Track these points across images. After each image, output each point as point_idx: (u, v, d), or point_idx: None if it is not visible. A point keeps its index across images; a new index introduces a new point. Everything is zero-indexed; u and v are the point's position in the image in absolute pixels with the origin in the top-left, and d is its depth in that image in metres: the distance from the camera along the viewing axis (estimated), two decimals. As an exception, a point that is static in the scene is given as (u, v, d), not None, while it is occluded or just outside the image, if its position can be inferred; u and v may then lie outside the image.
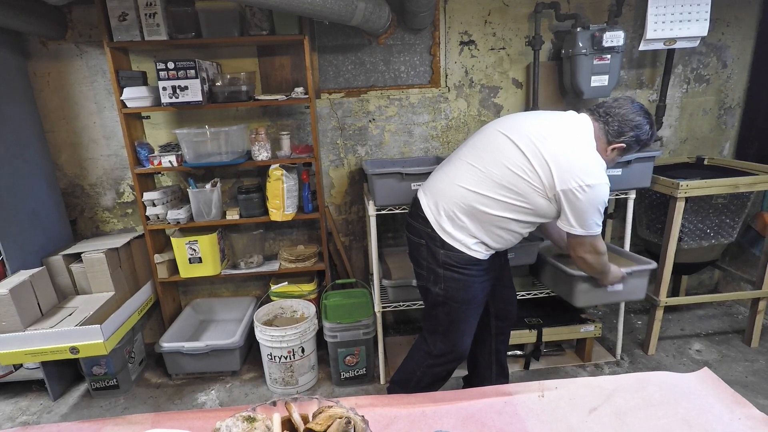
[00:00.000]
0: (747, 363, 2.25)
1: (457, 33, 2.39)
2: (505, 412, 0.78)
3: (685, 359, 2.32)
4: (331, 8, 1.77)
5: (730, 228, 2.33)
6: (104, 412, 2.12)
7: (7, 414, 2.11)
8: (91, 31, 2.19)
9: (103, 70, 2.25)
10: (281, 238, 2.61)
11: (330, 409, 0.64)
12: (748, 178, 2.10)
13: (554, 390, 0.84)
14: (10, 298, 1.82)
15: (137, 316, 2.22)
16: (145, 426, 0.79)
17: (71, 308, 2.06)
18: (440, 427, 0.74)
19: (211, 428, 0.62)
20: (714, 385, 0.84)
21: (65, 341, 1.87)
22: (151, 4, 1.97)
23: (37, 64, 2.22)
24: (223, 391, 2.21)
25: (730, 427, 0.73)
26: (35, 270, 1.99)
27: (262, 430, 0.61)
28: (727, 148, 2.72)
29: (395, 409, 0.79)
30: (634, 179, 2.07)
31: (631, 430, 0.73)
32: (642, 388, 0.83)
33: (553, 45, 2.43)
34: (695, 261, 2.43)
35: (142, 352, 2.41)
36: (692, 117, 2.64)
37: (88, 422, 0.81)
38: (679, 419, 0.75)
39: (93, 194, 2.45)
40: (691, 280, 2.89)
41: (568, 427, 0.74)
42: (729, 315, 2.72)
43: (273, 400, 0.67)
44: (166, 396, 2.20)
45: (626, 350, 2.38)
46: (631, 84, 2.56)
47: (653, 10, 2.16)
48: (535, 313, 2.32)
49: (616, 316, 2.33)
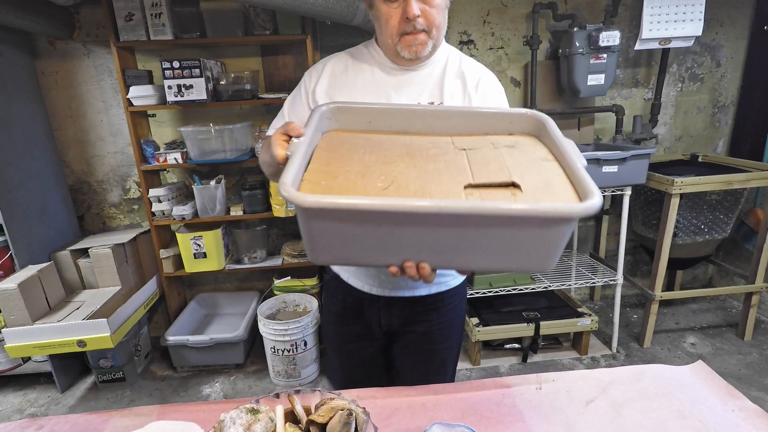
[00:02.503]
0: (740, 356, 2.29)
1: (457, 33, 2.43)
2: (503, 404, 0.79)
3: (679, 352, 2.36)
4: (333, 8, 1.81)
5: (723, 224, 2.37)
6: (111, 404, 2.15)
7: (15, 406, 2.15)
8: (98, 30, 2.23)
9: (109, 69, 2.29)
10: (284, 234, 2.65)
11: (332, 401, 0.64)
12: (741, 174, 2.13)
13: (551, 382, 0.84)
14: (18, 293, 1.86)
15: (143, 310, 2.25)
16: (151, 418, 0.78)
17: (78, 302, 2.09)
18: (440, 419, 0.75)
19: (215, 420, 0.62)
20: (708, 377, 0.85)
21: (73, 335, 1.90)
22: (157, 4, 2.01)
23: (45, 63, 2.25)
24: (227, 384, 2.25)
25: (724, 418, 0.73)
26: (43, 265, 2.03)
27: (265, 422, 0.61)
28: (721, 145, 2.77)
29: (396, 400, 0.80)
30: (629, 176, 2.10)
31: (627, 421, 0.73)
32: (637, 380, 0.84)
33: (550, 44, 2.47)
34: (690, 256, 2.47)
35: (147, 345, 2.45)
36: (687, 115, 2.68)
37: (95, 414, 0.81)
38: (674, 411, 0.75)
39: (100, 191, 2.48)
40: (685, 275, 2.92)
41: (565, 419, 0.75)
42: (723, 309, 2.76)
43: (276, 392, 0.67)
44: (171, 388, 2.23)
45: (622, 343, 2.42)
46: (627, 83, 2.60)
47: (648, 11, 2.20)
48: (532, 307, 2.36)
49: (612, 310, 2.37)
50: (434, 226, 0.62)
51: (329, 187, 0.66)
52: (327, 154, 0.77)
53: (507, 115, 0.89)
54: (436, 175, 0.70)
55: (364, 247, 0.67)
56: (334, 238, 0.65)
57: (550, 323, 2.25)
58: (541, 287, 2.30)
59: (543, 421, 0.74)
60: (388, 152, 0.78)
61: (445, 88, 1.01)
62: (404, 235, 0.64)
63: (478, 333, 2.20)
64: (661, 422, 0.73)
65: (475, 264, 0.70)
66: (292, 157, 0.70)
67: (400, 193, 0.65)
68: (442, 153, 0.78)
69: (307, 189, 0.65)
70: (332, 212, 0.61)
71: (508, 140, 0.85)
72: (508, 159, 0.75)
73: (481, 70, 1.06)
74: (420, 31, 0.92)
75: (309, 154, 0.75)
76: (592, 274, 2.46)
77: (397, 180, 0.68)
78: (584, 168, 0.70)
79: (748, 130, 2.64)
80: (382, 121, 0.88)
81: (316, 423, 0.61)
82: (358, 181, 0.68)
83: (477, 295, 2.30)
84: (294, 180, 0.64)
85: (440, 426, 0.70)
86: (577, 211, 0.59)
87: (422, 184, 0.67)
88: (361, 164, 0.73)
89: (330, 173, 0.70)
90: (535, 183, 0.68)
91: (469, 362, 2.30)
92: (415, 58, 0.96)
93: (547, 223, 0.61)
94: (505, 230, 0.63)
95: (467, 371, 2.26)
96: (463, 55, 1.08)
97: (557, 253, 0.66)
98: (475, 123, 0.89)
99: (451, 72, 1.03)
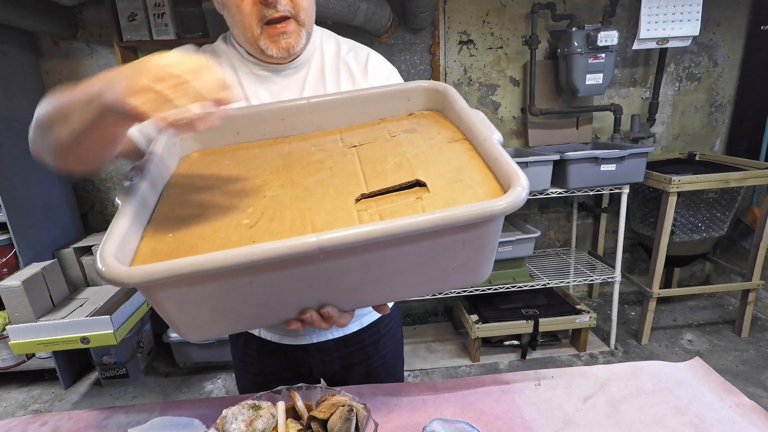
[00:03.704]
0: (737, 352, 2.31)
1: (456, 33, 2.45)
2: (502, 400, 0.79)
3: (677, 349, 2.38)
4: (333, 9, 1.83)
5: (720, 222, 2.39)
6: (114, 400, 2.17)
7: (19, 402, 2.16)
8: (101, 30, 2.25)
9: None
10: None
11: (333, 397, 0.64)
12: (738, 173, 2.14)
13: (550, 379, 0.84)
14: (22, 290, 1.87)
15: (146, 307, 2.26)
16: (154, 414, 0.78)
17: (82, 299, 2.11)
18: (440, 415, 0.75)
19: (217, 416, 0.61)
20: (705, 374, 0.84)
21: (76, 331, 1.91)
22: (160, 4, 2.03)
23: (49, 63, 2.27)
24: (229, 380, 2.26)
25: (721, 414, 0.73)
26: (47, 262, 2.04)
27: (266, 418, 0.61)
28: (718, 144, 2.79)
29: (396, 397, 0.79)
30: (627, 174, 2.12)
31: (625, 417, 0.74)
32: (635, 376, 0.84)
33: (549, 44, 2.49)
34: (687, 254, 2.48)
35: (150, 342, 2.47)
36: (684, 114, 2.71)
37: (99, 410, 0.81)
38: (671, 407, 0.75)
39: (103, 189, 2.50)
40: (683, 272, 2.94)
41: (564, 415, 0.75)
42: (720, 306, 2.78)
43: (277, 388, 0.66)
44: (174, 385, 2.25)
45: (620, 340, 2.44)
46: (625, 82, 2.62)
47: (646, 11, 2.22)
48: (531, 304, 2.38)
49: (610, 307, 2.39)
50: (324, 263, 0.49)
51: (179, 241, 0.52)
52: (179, 191, 0.62)
53: (402, 91, 0.74)
54: (320, 189, 0.58)
55: (244, 309, 0.53)
56: (198, 310, 0.51)
57: (549, 320, 2.27)
58: (539, 284, 2.32)
59: (542, 417, 0.75)
60: (259, 170, 0.64)
61: (329, 82, 0.82)
62: (289, 281, 0.51)
63: (477, 330, 2.22)
64: (659, 418, 0.74)
65: (393, 295, 0.58)
66: (121, 209, 0.53)
67: (272, 228, 0.52)
68: (328, 157, 0.65)
69: (148, 250, 0.51)
70: (176, 281, 0.46)
71: (406, 124, 0.71)
72: (408, 149, 0.63)
73: (365, 48, 0.88)
74: (286, 18, 0.72)
75: (152, 198, 0.60)
76: (590, 272, 2.48)
77: (268, 210, 0.55)
78: (500, 144, 0.57)
79: (745, 129, 2.66)
80: (253, 129, 0.72)
81: (317, 419, 0.61)
82: (219, 222, 0.54)
83: (476, 293, 2.32)
84: (122, 244, 0.49)
85: (440, 422, 0.70)
86: (500, 208, 0.47)
87: (300, 209, 0.55)
88: (224, 195, 0.60)
89: (182, 218, 0.56)
90: (444, 175, 0.56)
91: (469, 359, 2.32)
92: (287, 55, 0.75)
93: (466, 229, 0.49)
94: (417, 248, 0.50)
95: (467, 368, 2.28)
96: (336, 36, 0.88)
97: (489, 259, 0.55)
98: (367, 108, 0.73)
99: (329, 59, 0.83)
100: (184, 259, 0.45)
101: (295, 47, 0.75)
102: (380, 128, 0.71)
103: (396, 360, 1.01)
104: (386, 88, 0.75)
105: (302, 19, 0.73)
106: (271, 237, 0.51)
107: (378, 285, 0.54)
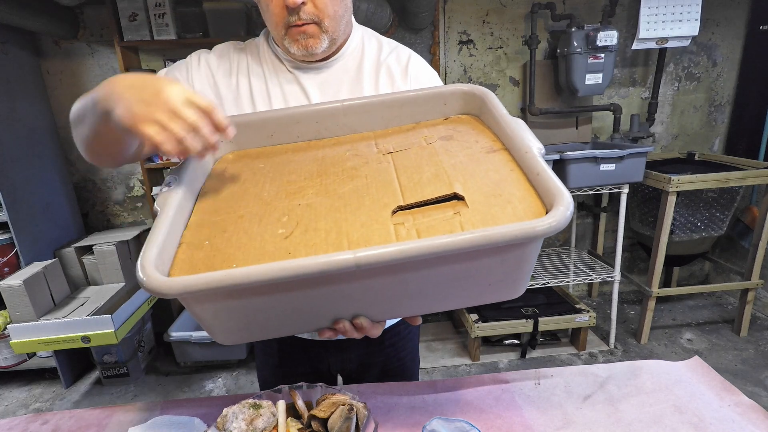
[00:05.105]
0: (736, 352, 2.32)
1: (456, 33, 2.45)
2: (502, 399, 0.79)
3: (676, 348, 2.38)
4: (335, 9, 1.83)
5: (720, 221, 2.39)
6: (115, 399, 2.18)
7: (21, 401, 2.17)
8: (102, 30, 2.25)
9: (114, 68, 2.31)
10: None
11: (333, 396, 0.64)
12: (737, 172, 2.14)
13: (550, 378, 0.84)
14: (23, 289, 1.87)
15: (147, 306, 2.27)
16: (155, 413, 0.78)
17: (83, 299, 2.11)
18: (440, 414, 0.75)
19: (218, 415, 0.62)
20: (704, 373, 0.84)
21: (77, 331, 1.91)
22: (160, 4, 2.04)
23: (50, 62, 2.28)
24: (230, 379, 2.27)
25: (720, 413, 0.73)
26: (48, 262, 2.05)
27: (267, 417, 0.62)
28: (717, 143, 2.79)
29: (396, 396, 0.80)
30: (627, 174, 2.12)
31: (624, 416, 0.74)
32: (635, 375, 0.84)
33: (548, 44, 2.50)
34: (686, 253, 2.49)
35: (151, 341, 2.47)
36: (683, 114, 2.71)
37: (99, 409, 0.81)
38: (671, 406, 0.75)
39: (104, 189, 2.51)
40: (682, 272, 2.95)
41: (563, 413, 0.75)
42: (719, 305, 2.79)
43: (278, 387, 0.67)
44: (174, 384, 2.26)
45: (620, 339, 2.45)
46: (624, 82, 2.62)
47: (646, 11, 2.22)
48: (531, 303, 2.38)
49: (609, 307, 2.40)
50: (359, 280, 0.49)
51: (215, 249, 0.53)
52: (214, 196, 0.62)
53: (438, 95, 0.72)
54: (356, 199, 0.56)
55: (278, 318, 0.54)
56: (233, 318, 0.52)
57: (549, 319, 2.27)
58: (539, 284, 2.33)
59: (541, 416, 0.75)
60: (293, 175, 0.63)
61: (366, 83, 0.81)
62: (324, 294, 0.51)
63: (477, 329, 2.23)
64: (658, 417, 0.74)
65: (427, 308, 0.57)
66: (159, 216, 0.54)
67: (307, 239, 0.52)
68: (363, 163, 0.63)
69: (186, 257, 0.52)
70: (213, 294, 0.47)
71: (442, 130, 0.69)
72: (445, 159, 0.61)
73: (406, 50, 0.87)
74: (308, 23, 0.73)
75: (189, 203, 0.60)
76: (589, 271, 2.49)
77: (303, 219, 0.55)
78: (542, 156, 0.54)
79: (744, 128, 2.67)
80: (287, 131, 0.72)
81: (317, 418, 0.62)
82: (254, 230, 0.54)
83: (476, 292, 2.32)
84: (161, 252, 0.49)
85: (440, 420, 0.69)
86: (542, 229, 0.45)
87: (336, 220, 0.54)
88: (259, 202, 0.59)
89: (217, 225, 0.56)
90: (482, 189, 0.54)
91: (469, 358, 2.32)
92: (307, 54, 0.76)
93: (506, 249, 0.48)
94: (453, 267, 0.49)
95: (467, 367, 2.28)
96: (381, 37, 0.87)
97: (526, 276, 0.54)
98: (402, 112, 0.72)
99: (370, 60, 0.83)
100: (222, 273, 0.46)
101: (314, 48, 0.75)
102: (416, 134, 0.69)
103: (413, 361, 1.02)
104: (422, 91, 0.73)
105: (326, 26, 0.74)
106: (306, 249, 0.51)
107: (412, 299, 0.54)
